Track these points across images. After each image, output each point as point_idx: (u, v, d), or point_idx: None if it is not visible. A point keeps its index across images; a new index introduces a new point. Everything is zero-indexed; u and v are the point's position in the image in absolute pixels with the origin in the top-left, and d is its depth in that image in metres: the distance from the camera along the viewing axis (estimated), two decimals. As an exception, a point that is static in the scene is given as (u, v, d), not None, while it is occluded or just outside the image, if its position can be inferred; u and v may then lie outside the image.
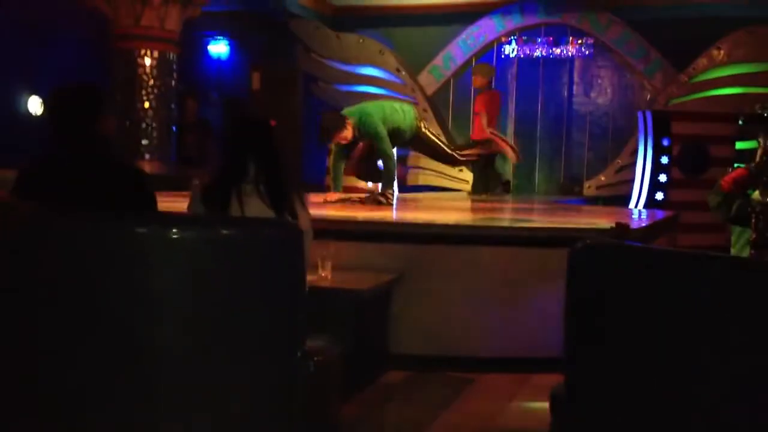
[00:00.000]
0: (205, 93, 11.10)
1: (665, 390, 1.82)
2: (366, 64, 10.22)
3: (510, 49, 10.19)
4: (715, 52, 8.86)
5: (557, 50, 10.01)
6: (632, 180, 8.73)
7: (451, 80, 10.37)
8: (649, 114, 8.43)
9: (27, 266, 1.96)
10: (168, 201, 3.78)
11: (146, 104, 8.45)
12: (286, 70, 10.89)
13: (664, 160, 8.25)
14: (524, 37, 10.15)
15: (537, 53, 10.08)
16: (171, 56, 8.66)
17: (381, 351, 3.98)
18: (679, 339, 1.80)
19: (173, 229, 1.89)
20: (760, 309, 1.72)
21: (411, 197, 7.81)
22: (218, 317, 1.93)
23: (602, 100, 10.03)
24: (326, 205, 5.48)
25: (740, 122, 8.12)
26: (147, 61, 8.46)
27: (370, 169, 6.15)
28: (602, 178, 9.67)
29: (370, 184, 8.94)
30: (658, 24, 9.31)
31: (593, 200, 9.25)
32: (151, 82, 8.46)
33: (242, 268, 1.97)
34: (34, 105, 9.11)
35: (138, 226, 1.93)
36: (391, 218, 5.10)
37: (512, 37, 10.18)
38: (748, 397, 1.73)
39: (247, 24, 10.77)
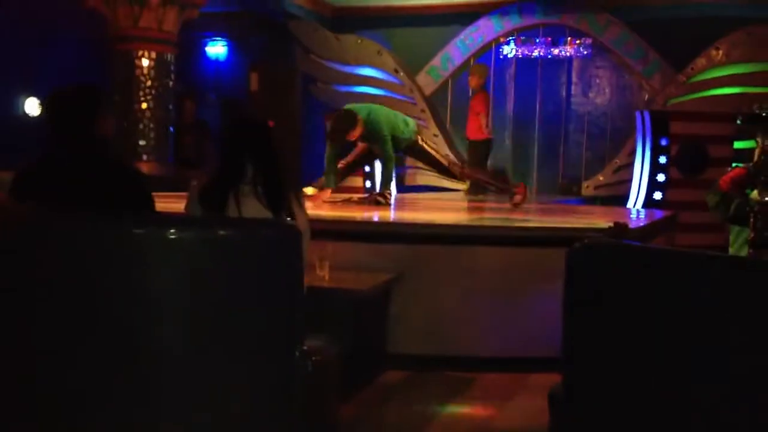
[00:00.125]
0: (203, 94, 11.10)
1: (663, 390, 1.82)
2: (364, 65, 10.22)
3: (508, 50, 10.19)
4: (714, 52, 8.86)
5: (555, 50, 10.02)
6: (630, 180, 8.73)
7: (449, 81, 10.38)
8: (648, 114, 8.43)
9: (25, 267, 1.96)
10: (165, 202, 3.77)
11: (144, 105, 8.44)
12: (285, 71, 10.89)
13: (663, 160, 8.26)
14: (522, 38, 10.16)
15: (535, 53, 10.09)
16: (169, 57, 8.66)
17: (379, 351, 3.98)
18: (678, 338, 1.80)
19: (171, 230, 1.89)
20: (759, 308, 1.72)
21: (409, 197, 7.81)
22: (216, 317, 1.93)
23: (600, 101, 10.03)
24: (325, 205, 5.47)
25: (738, 122, 8.14)
26: (145, 62, 8.46)
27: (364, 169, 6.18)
28: (600, 178, 9.67)
29: (368, 184, 8.95)
30: (657, 24, 9.32)
31: (591, 200, 9.26)
32: (149, 83, 8.46)
33: (240, 269, 1.97)
34: (32, 106, 9.10)
35: (136, 227, 1.93)
36: (390, 218, 5.10)
37: (510, 38, 10.18)
38: (748, 397, 1.73)
39: (246, 25, 10.77)
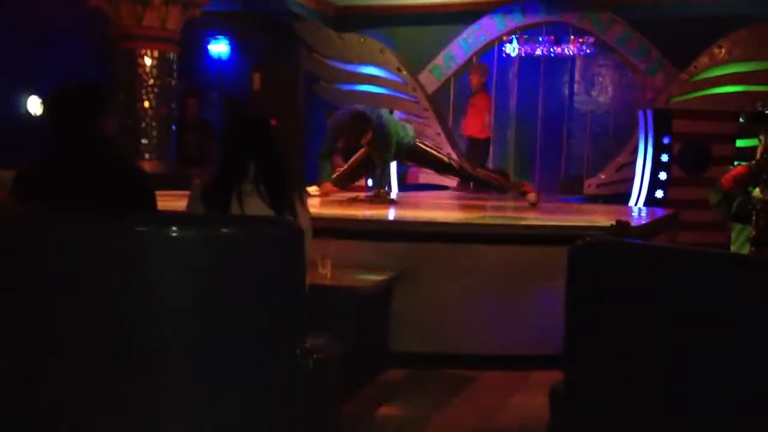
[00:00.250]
0: (206, 93, 11.10)
1: (665, 387, 1.82)
2: (367, 64, 10.21)
3: (511, 48, 10.18)
4: (716, 51, 8.84)
5: (558, 49, 10.00)
6: (632, 178, 8.71)
7: (452, 79, 10.36)
8: (650, 112, 8.41)
9: (27, 265, 1.97)
10: (168, 200, 3.77)
11: (146, 104, 8.44)
12: (287, 70, 10.89)
13: (665, 159, 8.24)
14: (525, 36, 10.14)
15: (538, 52, 10.07)
16: (171, 56, 8.65)
17: (381, 349, 3.98)
18: (680, 336, 1.80)
19: (173, 228, 1.90)
20: (760, 306, 1.72)
21: (411, 196, 7.80)
22: (218, 315, 1.94)
23: (603, 99, 10.02)
24: (329, 203, 5.47)
25: (741, 120, 8.13)
26: (147, 61, 8.45)
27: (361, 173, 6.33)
28: (602, 177, 9.66)
29: (370, 183, 8.94)
30: (659, 23, 9.30)
31: (593, 199, 9.24)
32: (152, 82, 8.46)
33: (242, 267, 1.97)
34: (34, 105, 9.10)
35: (138, 225, 1.94)
36: (391, 217, 5.10)
37: (513, 36, 10.17)
38: (749, 394, 1.73)
39: (248, 24, 10.76)
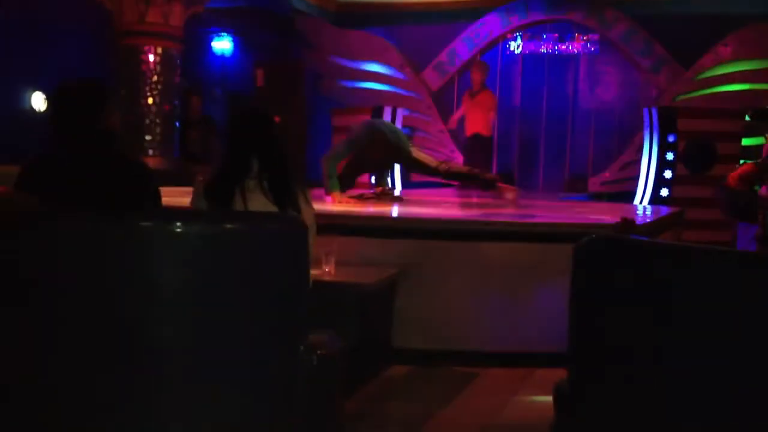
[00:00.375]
0: (209, 90, 11.11)
1: (669, 385, 1.82)
2: (370, 61, 10.21)
3: (515, 46, 10.16)
4: (722, 49, 8.82)
5: (563, 47, 9.98)
6: (637, 176, 8.70)
7: (456, 76, 10.35)
8: (655, 110, 8.39)
9: (30, 261, 1.96)
10: (171, 196, 3.76)
11: (150, 100, 8.45)
12: (290, 67, 10.89)
13: (670, 157, 8.22)
14: (529, 34, 10.13)
15: (542, 49, 10.06)
16: (175, 52, 8.66)
17: (384, 345, 3.98)
18: (685, 334, 1.80)
19: (177, 224, 1.89)
20: (767, 304, 1.71)
21: (415, 193, 7.79)
22: (222, 311, 1.93)
23: (607, 97, 9.99)
24: (335, 201, 5.46)
25: (747, 118, 8.11)
26: (151, 58, 8.46)
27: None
28: (607, 175, 9.64)
29: (373, 180, 8.92)
30: (664, 20, 9.28)
31: (598, 197, 9.23)
32: (155, 79, 8.46)
33: (246, 263, 1.97)
34: (38, 101, 9.10)
35: (142, 220, 1.93)
36: (395, 214, 5.09)
37: (517, 34, 10.15)
38: (754, 393, 1.72)
39: (251, 20, 10.76)
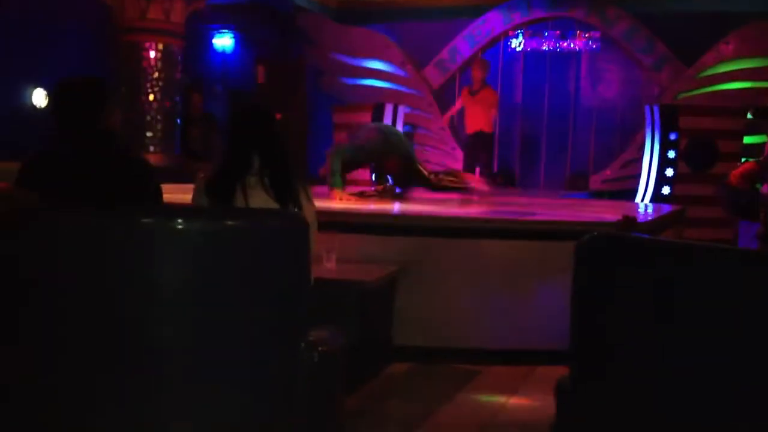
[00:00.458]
0: (210, 86, 11.10)
1: (671, 383, 1.81)
2: (372, 58, 10.20)
3: (516, 43, 10.15)
4: (724, 47, 8.80)
5: (564, 44, 9.97)
6: (638, 175, 8.69)
7: (457, 74, 10.34)
8: (657, 108, 8.38)
9: (30, 258, 1.96)
10: (172, 194, 3.76)
11: (151, 97, 8.45)
12: (292, 64, 10.88)
13: (671, 155, 8.21)
14: (531, 31, 10.11)
15: (544, 47, 10.04)
16: (176, 49, 8.65)
17: (385, 343, 3.98)
18: (686, 331, 1.79)
19: (178, 220, 1.89)
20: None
21: (416, 190, 7.78)
22: (223, 307, 1.93)
23: (609, 94, 9.98)
24: (336, 198, 5.45)
25: (748, 117, 8.10)
26: (152, 54, 8.45)
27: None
28: (608, 173, 9.63)
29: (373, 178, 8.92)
30: (666, 18, 9.26)
31: (599, 195, 9.22)
32: (156, 75, 8.46)
33: (247, 259, 1.97)
34: (39, 98, 9.10)
35: (143, 217, 1.93)
36: (396, 211, 5.09)
37: (519, 31, 10.14)
38: (756, 391, 1.72)
39: (253, 17, 10.75)
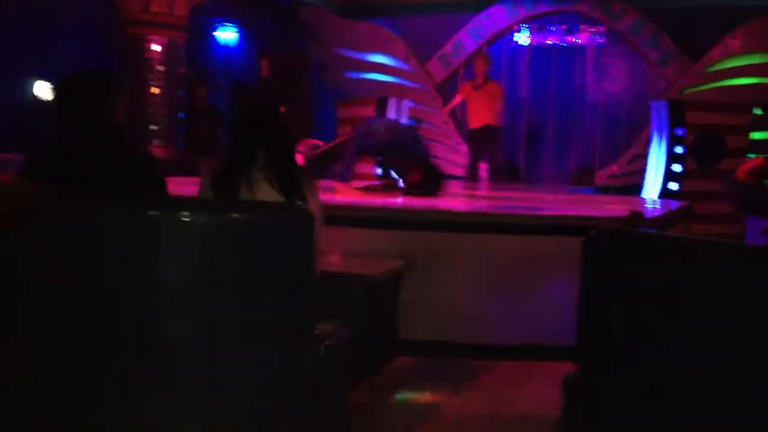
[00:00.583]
0: (214, 80, 11.10)
1: (677, 378, 1.81)
2: (375, 52, 10.18)
3: (522, 37, 10.12)
4: (731, 41, 8.76)
5: (570, 38, 9.94)
6: (645, 170, 8.66)
7: (461, 68, 10.31)
8: (664, 103, 8.34)
9: (35, 251, 1.95)
10: (177, 187, 3.75)
11: (154, 90, 8.44)
12: (295, 57, 10.87)
13: (678, 150, 8.17)
14: (536, 25, 10.08)
15: (549, 41, 10.02)
16: (179, 42, 8.64)
17: (391, 337, 3.98)
18: (693, 327, 1.79)
19: (184, 213, 1.88)
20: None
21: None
22: (228, 301, 1.93)
23: (615, 89, 9.95)
24: (341, 192, 5.45)
25: (756, 112, 8.06)
26: (155, 47, 8.45)
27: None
28: (615, 168, 9.61)
29: (378, 172, 8.92)
30: (673, 13, 9.23)
31: (605, 190, 9.20)
32: (160, 68, 8.45)
33: (253, 252, 1.96)
34: (42, 90, 9.10)
35: (149, 210, 1.93)
36: (401, 205, 5.08)
37: (524, 25, 10.10)
38: (764, 388, 1.71)
39: (256, 10, 10.74)
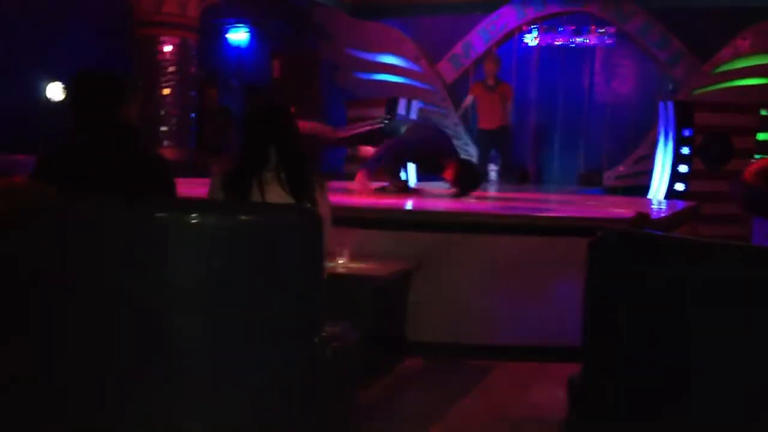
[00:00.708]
0: (226, 80, 11.13)
1: (683, 380, 1.81)
2: (386, 53, 10.19)
3: (531, 38, 10.11)
4: (740, 42, 8.73)
5: (579, 39, 9.92)
6: (652, 170, 8.64)
7: (471, 69, 10.31)
8: (671, 104, 8.32)
9: (45, 250, 1.97)
10: (187, 188, 3.78)
11: (166, 91, 8.47)
12: (307, 58, 10.89)
13: (686, 151, 8.14)
14: (545, 26, 10.07)
15: (558, 42, 10.00)
16: (191, 43, 8.68)
17: (399, 338, 3.98)
18: (699, 328, 1.79)
19: (193, 214, 1.89)
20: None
21: (430, 185, 7.78)
22: (237, 302, 1.93)
23: (623, 90, 9.93)
24: (350, 194, 5.46)
25: (763, 113, 8.03)
26: (167, 48, 8.48)
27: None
28: (622, 169, 9.59)
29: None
30: (682, 14, 9.19)
31: (612, 190, 9.18)
32: (171, 69, 8.49)
33: (262, 254, 1.96)
34: (54, 91, 9.15)
35: (158, 211, 1.93)
36: (410, 206, 5.09)
37: (533, 26, 10.09)
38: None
39: (268, 11, 10.77)
